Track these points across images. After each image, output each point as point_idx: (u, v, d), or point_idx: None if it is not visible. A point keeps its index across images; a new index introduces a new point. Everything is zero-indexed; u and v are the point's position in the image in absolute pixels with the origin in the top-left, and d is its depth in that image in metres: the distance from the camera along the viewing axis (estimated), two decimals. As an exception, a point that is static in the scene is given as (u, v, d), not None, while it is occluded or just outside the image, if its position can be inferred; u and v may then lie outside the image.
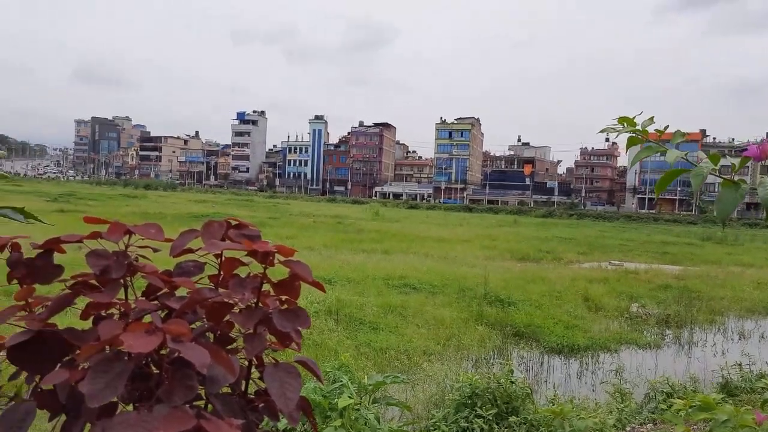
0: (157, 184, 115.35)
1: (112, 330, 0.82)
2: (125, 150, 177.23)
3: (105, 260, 0.94)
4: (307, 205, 69.23)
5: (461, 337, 11.16)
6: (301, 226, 34.02)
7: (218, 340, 1.04)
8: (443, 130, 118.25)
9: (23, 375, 0.99)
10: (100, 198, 52.69)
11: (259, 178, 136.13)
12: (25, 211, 1.77)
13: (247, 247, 0.97)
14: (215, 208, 46.73)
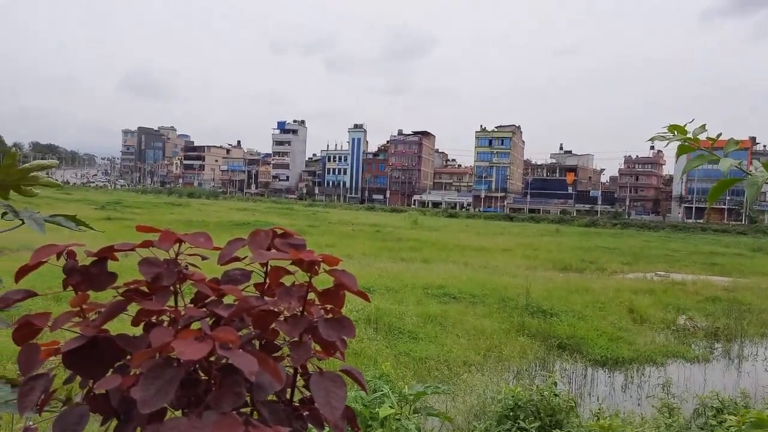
0: (200, 192, 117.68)
1: (164, 337, 0.84)
2: (170, 159, 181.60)
3: (156, 268, 0.96)
4: (345, 214, 69.66)
5: (502, 347, 11.03)
6: (340, 235, 34.24)
7: (264, 347, 1.05)
8: (483, 138, 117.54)
9: (74, 379, 1.02)
10: (146, 206, 54.05)
11: (299, 187, 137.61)
12: (76, 218, 1.83)
13: (293, 256, 0.97)
14: (256, 216, 47.44)
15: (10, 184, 1.71)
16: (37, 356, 0.92)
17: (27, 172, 1.72)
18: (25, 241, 16.54)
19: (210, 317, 1.01)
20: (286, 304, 0.96)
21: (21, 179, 1.71)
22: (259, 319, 0.99)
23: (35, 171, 1.74)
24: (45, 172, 1.81)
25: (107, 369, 0.93)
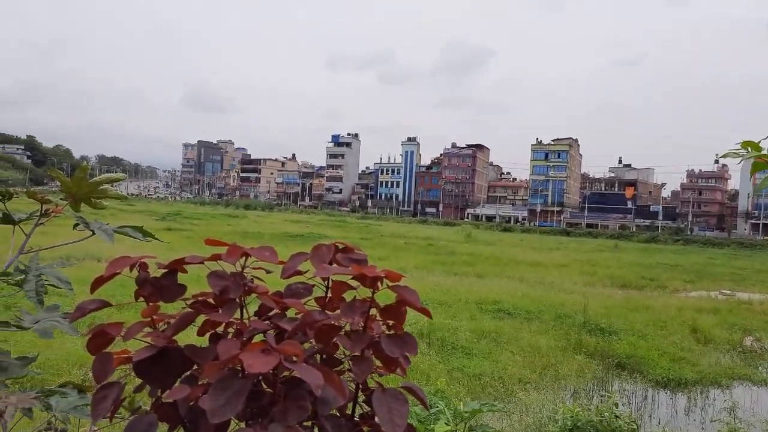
0: (256, 204, 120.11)
1: (230, 349, 0.86)
2: (227, 172, 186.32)
3: (224, 281, 0.99)
4: (398, 227, 69.74)
5: (559, 366, 10.77)
6: (393, 248, 34.26)
7: (326, 361, 1.06)
8: (539, 151, 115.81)
9: (144, 388, 1.05)
10: (204, 217, 55.49)
11: (352, 199, 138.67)
12: (143, 229, 1.90)
13: (356, 271, 0.98)
14: (309, 229, 48.04)
15: (82, 197, 1.79)
16: (110, 365, 0.96)
17: (97, 185, 1.79)
18: (91, 250, 17.23)
19: (274, 330, 1.03)
20: (350, 320, 0.97)
21: (91, 192, 1.78)
22: (321, 333, 1.00)
23: (104, 184, 1.81)
24: (113, 185, 1.89)
25: (176, 378, 0.95)
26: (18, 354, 1.71)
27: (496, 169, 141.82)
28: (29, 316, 1.75)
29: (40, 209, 1.70)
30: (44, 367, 7.57)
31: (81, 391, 1.77)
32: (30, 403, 1.50)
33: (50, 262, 1.84)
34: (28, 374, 1.78)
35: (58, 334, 1.71)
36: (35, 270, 1.70)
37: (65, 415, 1.69)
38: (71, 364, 7.92)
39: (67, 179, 1.70)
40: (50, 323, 1.73)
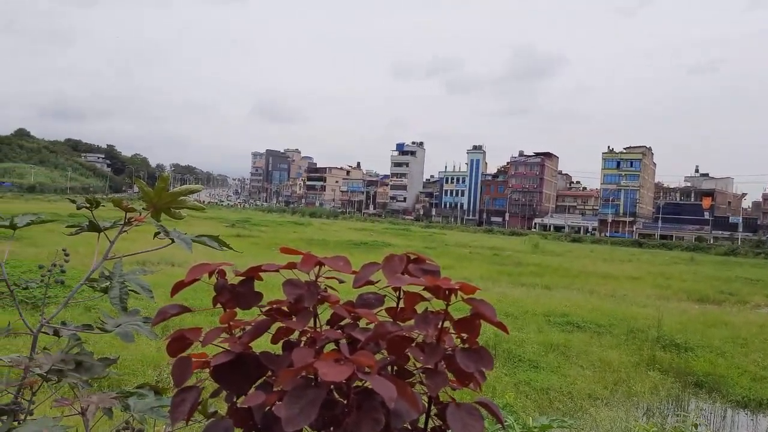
0: (321, 212, 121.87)
1: (305, 358, 0.87)
2: (294, 180, 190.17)
3: (299, 289, 1.00)
4: (463, 236, 69.14)
5: (631, 382, 10.37)
6: (457, 257, 33.98)
7: (398, 373, 1.05)
8: (611, 159, 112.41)
9: (220, 393, 1.08)
10: (271, 225, 56.71)
11: (416, 208, 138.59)
12: (219, 239, 1.95)
13: (430, 283, 0.97)
14: (373, 237, 48.27)
15: (162, 207, 1.85)
16: (188, 369, 0.98)
17: (177, 195, 1.85)
18: (165, 254, 17.93)
19: (346, 339, 1.03)
20: (424, 332, 0.96)
21: (171, 202, 1.85)
22: (394, 344, 0.99)
23: (183, 195, 1.88)
24: (190, 195, 1.95)
25: (251, 384, 0.97)
26: (96, 355, 1.79)
27: (565, 177, 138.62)
28: (111, 319, 1.83)
29: (124, 218, 1.78)
30: (120, 367, 7.89)
31: (157, 393, 1.83)
32: (110, 403, 1.56)
33: (131, 267, 1.91)
34: (108, 375, 1.86)
35: (135, 336, 1.78)
36: (119, 277, 1.77)
37: (142, 415, 1.75)
38: (146, 365, 8.22)
39: (150, 189, 1.77)
40: (131, 327, 1.80)
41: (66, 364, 1.65)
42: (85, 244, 5.55)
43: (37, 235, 21.81)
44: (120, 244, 1.78)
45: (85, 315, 10.07)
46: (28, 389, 1.68)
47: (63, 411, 1.54)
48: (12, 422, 1.57)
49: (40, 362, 1.62)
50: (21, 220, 1.81)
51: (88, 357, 1.74)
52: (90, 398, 1.53)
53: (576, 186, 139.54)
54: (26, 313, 1.73)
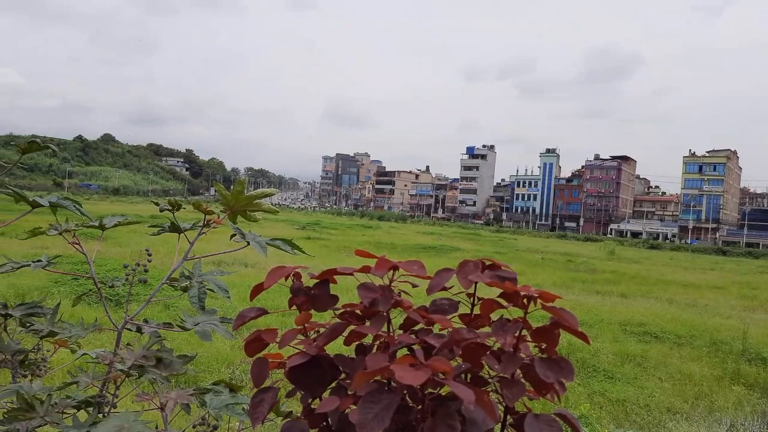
0: (389, 215, 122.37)
1: (379, 362, 0.86)
2: (363, 183, 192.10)
3: (373, 293, 1.00)
4: (534, 241, 67.73)
5: (713, 396, 9.85)
6: (529, 263, 33.32)
7: (472, 381, 1.03)
8: (692, 163, 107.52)
9: (295, 393, 1.09)
10: (340, 228, 57.38)
11: (486, 212, 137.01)
12: (291, 242, 1.98)
13: (509, 288, 0.95)
14: (442, 241, 48.04)
15: (238, 210, 1.90)
16: (266, 370, 1.00)
17: (252, 199, 1.90)
18: (238, 255, 18.46)
19: (420, 345, 1.02)
20: (501, 340, 0.94)
21: (247, 205, 1.89)
22: (469, 351, 0.97)
23: (259, 198, 1.92)
24: (265, 198, 1.99)
25: (325, 386, 0.98)
26: (174, 352, 1.85)
27: (642, 182, 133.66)
28: (190, 318, 1.89)
29: (203, 220, 1.84)
30: (196, 364, 8.17)
31: (232, 390, 1.88)
32: (188, 399, 1.61)
33: (208, 267, 1.96)
34: (186, 372, 1.92)
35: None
36: (198, 277, 1.83)
37: (218, 412, 1.79)
38: (220, 363, 8.47)
39: (227, 192, 1.82)
40: (209, 326, 1.85)
41: (147, 361, 1.71)
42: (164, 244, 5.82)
43: (121, 235, 22.95)
44: (197, 245, 1.84)
45: (164, 313, 10.50)
46: (113, 383, 1.76)
47: (144, 405, 1.60)
48: (97, 414, 1.64)
49: (124, 358, 1.69)
50: (109, 221, 1.90)
51: (168, 354, 1.80)
52: (169, 394, 1.59)
53: (655, 191, 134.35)
54: (110, 309, 1.82)
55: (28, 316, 1.84)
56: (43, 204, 1.78)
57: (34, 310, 1.87)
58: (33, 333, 1.85)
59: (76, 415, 1.59)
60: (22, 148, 1.73)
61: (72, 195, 1.83)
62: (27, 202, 1.76)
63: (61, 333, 1.83)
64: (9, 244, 16.71)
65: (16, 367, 1.87)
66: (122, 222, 1.94)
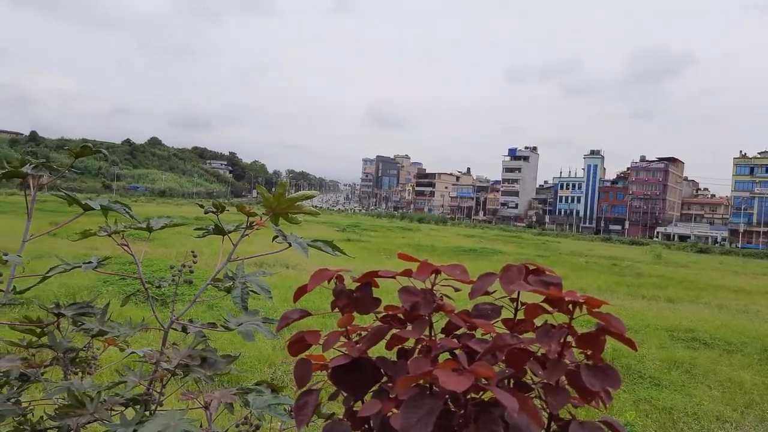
0: (430, 217, 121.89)
1: (421, 366, 0.86)
2: (403, 186, 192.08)
3: (415, 297, 0.99)
4: (578, 244, 66.54)
5: (765, 405, 9.50)
6: (572, 266, 32.75)
7: (515, 387, 1.02)
8: (743, 165, 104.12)
9: (338, 396, 1.09)
10: (380, 230, 57.44)
11: (528, 215, 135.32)
12: (332, 244, 2.00)
13: (554, 294, 0.93)
14: (483, 243, 47.59)
15: (280, 212, 1.92)
16: (309, 371, 1.01)
17: (294, 201, 1.92)
18: (280, 257, 18.68)
19: (462, 350, 1.01)
20: (546, 347, 0.92)
21: (289, 207, 1.91)
22: (513, 357, 0.96)
23: (300, 200, 1.94)
24: (307, 201, 2.01)
25: (367, 388, 0.98)
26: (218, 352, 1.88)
27: (691, 184, 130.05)
28: (234, 318, 1.92)
29: (246, 222, 1.87)
30: (238, 364, 8.24)
31: (273, 391, 1.90)
32: (231, 398, 1.63)
33: (250, 269, 1.99)
34: (230, 371, 1.95)
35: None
36: (241, 278, 1.86)
37: (261, 412, 1.81)
38: (262, 363, 8.57)
39: (269, 195, 1.84)
40: (251, 326, 1.88)
41: (192, 360, 1.75)
42: (208, 245, 5.94)
43: (166, 236, 23.47)
44: (240, 246, 1.87)
45: (207, 312, 10.68)
46: (159, 382, 1.80)
47: (188, 404, 1.62)
48: (144, 412, 1.68)
49: (170, 357, 1.72)
50: (156, 223, 1.94)
51: (213, 353, 1.84)
52: (213, 393, 1.61)
53: (703, 193, 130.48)
54: (156, 309, 1.86)
55: (80, 315, 1.90)
56: (94, 207, 1.83)
57: (85, 309, 1.93)
58: (84, 332, 1.91)
59: (124, 413, 1.63)
60: (75, 153, 1.79)
61: (120, 197, 1.92)
62: (79, 205, 1.82)
63: (111, 332, 1.88)
64: (60, 245, 17.30)
65: (67, 364, 1.93)
66: (168, 224, 1.99)
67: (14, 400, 1.78)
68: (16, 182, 1.82)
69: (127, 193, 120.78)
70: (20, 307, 8.06)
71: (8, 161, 1.75)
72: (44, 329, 1.94)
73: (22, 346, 1.93)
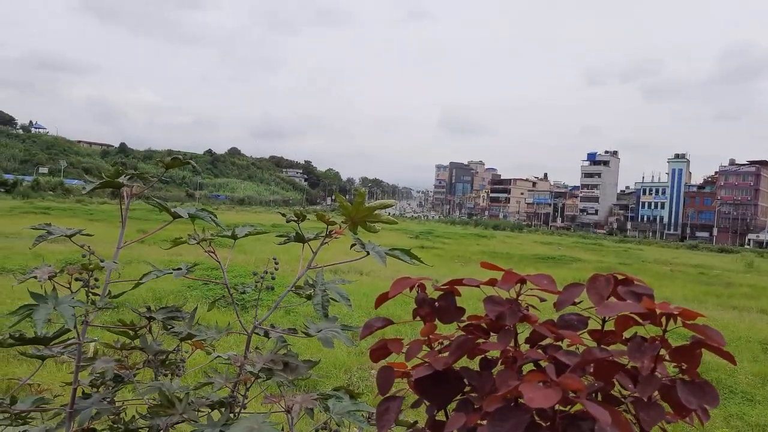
0: (505, 224, 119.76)
1: (509, 379, 0.84)
2: (477, 192, 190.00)
3: (500, 307, 0.98)
4: (662, 252, 63.64)
5: None
6: (656, 275, 31.35)
7: (604, 400, 0.98)
8: None
9: (421, 404, 1.09)
10: (454, 237, 56.92)
11: (609, 221, 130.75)
12: (410, 252, 2.00)
13: (647, 307, 0.89)
14: (561, 251, 46.28)
15: (359, 220, 1.94)
16: (392, 378, 1.01)
17: (372, 210, 1.93)
18: (354, 263, 18.83)
19: (548, 361, 0.99)
20: (639, 362, 0.88)
21: (367, 216, 1.93)
22: (602, 370, 0.93)
23: (378, 209, 1.95)
24: (385, 209, 2.02)
25: (452, 398, 0.97)
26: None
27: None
28: (313, 325, 1.95)
29: (326, 230, 1.90)
30: (315, 369, 8.39)
31: (352, 397, 1.92)
32: (312, 403, 1.66)
33: (328, 276, 2.02)
34: (310, 376, 1.98)
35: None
36: (321, 285, 1.89)
37: (340, 418, 1.83)
38: (338, 369, 8.66)
39: (348, 204, 1.87)
40: (331, 333, 1.90)
41: (275, 364, 1.79)
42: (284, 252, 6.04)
43: (245, 243, 24.11)
44: (318, 254, 1.90)
45: (284, 318, 10.91)
46: (243, 385, 1.85)
47: (270, 407, 1.66)
48: (229, 414, 1.74)
49: (254, 361, 1.77)
50: (240, 230, 2.01)
51: (294, 358, 1.87)
52: (295, 398, 1.64)
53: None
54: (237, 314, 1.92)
55: (169, 319, 1.99)
56: (182, 215, 1.92)
57: (174, 314, 2.01)
58: (173, 335, 1.99)
59: (210, 414, 1.69)
60: (166, 164, 1.87)
61: (202, 206, 2.00)
62: (169, 213, 1.91)
63: (198, 335, 1.95)
64: (147, 251, 18.15)
65: (157, 366, 2.02)
66: (252, 232, 2.05)
67: (109, 399, 1.88)
68: (107, 191, 1.93)
69: (209, 202, 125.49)
70: (112, 311, 8.50)
71: (102, 172, 1.86)
72: (137, 332, 2.04)
73: (116, 348, 2.04)
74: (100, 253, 1.87)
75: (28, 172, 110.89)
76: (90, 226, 1.86)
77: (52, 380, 4.80)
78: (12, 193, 74.35)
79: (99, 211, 49.74)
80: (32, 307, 1.49)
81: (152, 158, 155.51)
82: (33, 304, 1.51)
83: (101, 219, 38.24)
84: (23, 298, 7.37)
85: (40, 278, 1.58)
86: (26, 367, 6.43)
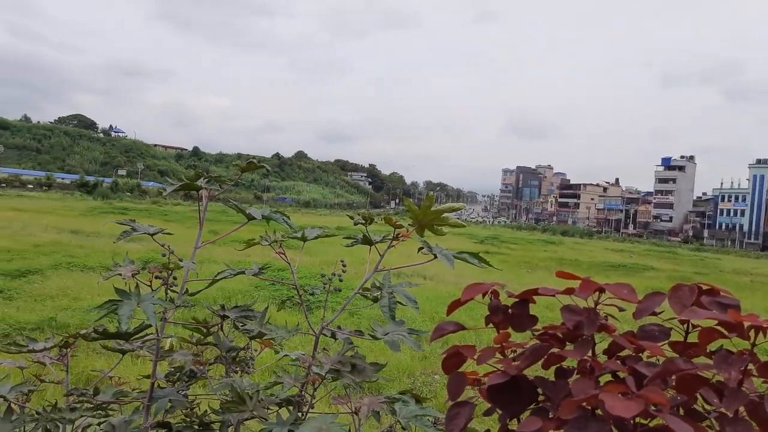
0: (574, 230, 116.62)
1: (586, 388, 0.82)
2: (545, 197, 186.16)
3: (578, 316, 0.96)
4: (742, 261, 60.44)
5: None
6: (735, 286, 29.80)
7: (687, 415, 0.94)
8: None
9: (493, 412, 1.07)
10: (520, 242, 55.89)
11: (684, 229, 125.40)
12: (479, 256, 1.97)
13: (733, 318, 0.85)
14: (633, 259, 44.70)
15: (426, 224, 1.94)
16: (463, 385, 1.00)
17: (440, 213, 1.92)
18: (418, 268, 18.83)
19: (627, 372, 0.96)
20: (726, 375, 0.85)
21: (435, 219, 1.92)
22: (684, 383, 0.89)
23: (447, 213, 1.94)
24: (452, 213, 2.01)
25: (525, 407, 0.95)
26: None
27: None
28: (380, 328, 1.96)
29: (393, 233, 1.91)
30: (380, 373, 8.40)
31: (418, 401, 1.91)
32: (380, 406, 1.66)
33: (394, 279, 2.02)
34: (377, 379, 1.99)
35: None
36: (388, 288, 1.90)
37: (407, 422, 1.82)
38: (401, 373, 8.65)
39: (416, 207, 1.87)
40: (398, 336, 1.90)
41: (343, 366, 1.80)
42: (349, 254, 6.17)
43: (311, 245, 24.35)
44: (386, 257, 1.91)
45: (349, 320, 10.99)
46: (311, 385, 1.88)
47: (338, 408, 1.67)
48: (297, 413, 1.76)
49: (322, 362, 1.79)
50: (310, 233, 2.05)
51: (361, 360, 1.88)
52: (362, 399, 1.65)
53: None
54: (302, 315, 1.95)
55: (241, 318, 2.04)
56: (256, 217, 1.97)
57: (246, 312, 2.07)
58: (244, 333, 2.05)
59: (279, 412, 1.72)
60: (242, 168, 1.93)
61: (270, 207, 2.06)
62: (244, 215, 1.97)
63: (269, 334, 2.00)
64: (217, 252, 18.72)
65: (229, 363, 2.07)
66: (321, 234, 2.08)
67: (183, 393, 1.95)
68: (180, 193, 1.99)
69: (275, 204, 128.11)
70: (185, 308, 8.81)
71: (182, 175, 1.93)
72: (209, 329, 2.10)
73: (192, 343, 2.12)
74: (176, 253, 1.94)
75: (107, 174, 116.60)
76: (165, 226, 1.93)
77: (129, 374, 5.01)
78: (93, 194, 78.32)
79: (173, 212, 51.62)
80: (117, 303, 1.56)
81: (223, 161, 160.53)
82: (117, 300, 1.58)
83: (175, 219, 39.69)
84: (103, 295, 7.73)
85: (125, 275, 1.66)
86: (104, 361, 6.73)
